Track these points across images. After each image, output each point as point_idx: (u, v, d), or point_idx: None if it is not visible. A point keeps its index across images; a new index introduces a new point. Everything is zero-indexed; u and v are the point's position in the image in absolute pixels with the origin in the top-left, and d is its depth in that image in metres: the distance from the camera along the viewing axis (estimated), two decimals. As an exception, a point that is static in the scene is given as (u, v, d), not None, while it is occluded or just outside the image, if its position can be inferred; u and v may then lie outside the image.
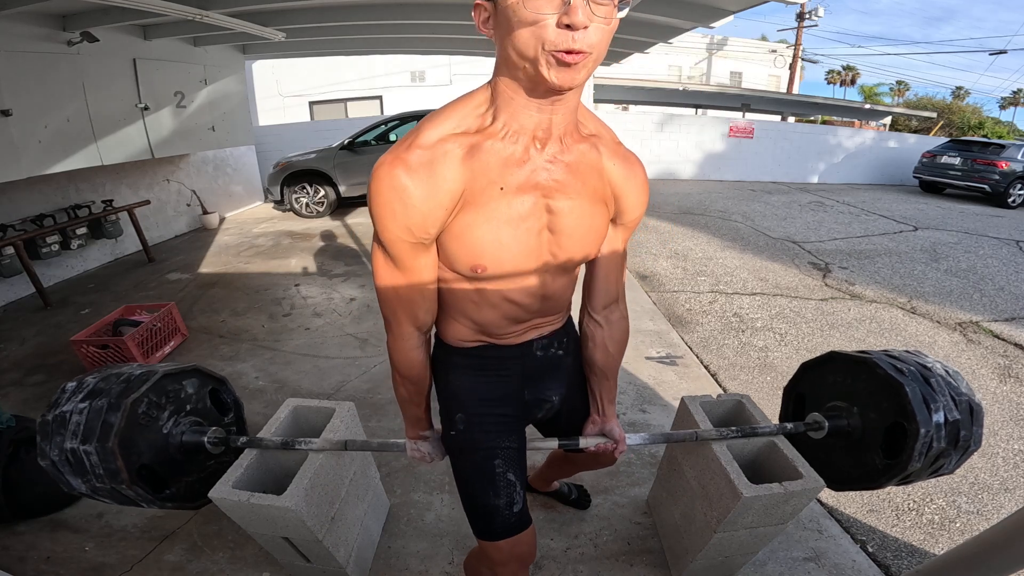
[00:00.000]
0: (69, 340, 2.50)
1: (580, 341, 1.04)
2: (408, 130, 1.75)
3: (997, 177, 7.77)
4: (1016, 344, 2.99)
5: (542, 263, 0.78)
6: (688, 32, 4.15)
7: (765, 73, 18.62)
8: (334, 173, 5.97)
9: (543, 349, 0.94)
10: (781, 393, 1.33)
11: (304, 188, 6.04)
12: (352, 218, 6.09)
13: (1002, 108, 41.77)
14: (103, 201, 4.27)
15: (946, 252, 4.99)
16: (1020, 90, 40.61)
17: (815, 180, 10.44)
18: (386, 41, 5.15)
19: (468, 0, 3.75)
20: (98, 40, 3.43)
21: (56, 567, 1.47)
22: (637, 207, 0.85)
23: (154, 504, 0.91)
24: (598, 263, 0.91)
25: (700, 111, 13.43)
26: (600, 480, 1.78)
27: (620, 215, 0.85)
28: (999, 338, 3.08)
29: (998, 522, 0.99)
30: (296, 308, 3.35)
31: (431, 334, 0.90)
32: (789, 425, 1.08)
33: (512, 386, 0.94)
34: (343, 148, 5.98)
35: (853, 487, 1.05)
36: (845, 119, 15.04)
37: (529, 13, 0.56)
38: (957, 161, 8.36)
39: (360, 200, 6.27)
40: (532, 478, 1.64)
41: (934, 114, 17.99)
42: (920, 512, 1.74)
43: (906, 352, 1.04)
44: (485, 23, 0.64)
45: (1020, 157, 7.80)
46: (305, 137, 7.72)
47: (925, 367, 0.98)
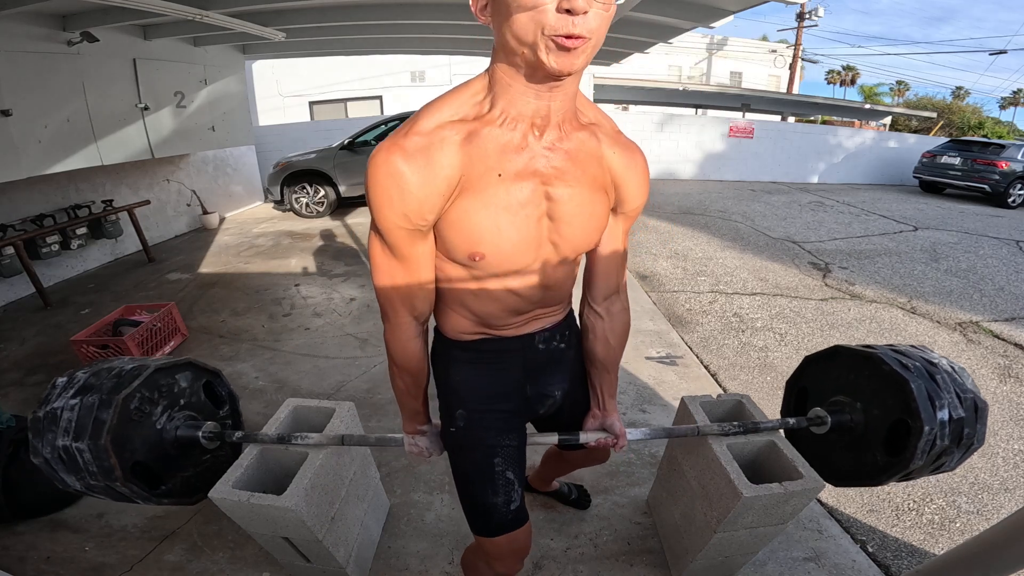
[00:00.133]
0: (69, 340, 2.50)
1: (580, 334, 1.03)
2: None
3: (997, 177, 7.77)
4: (1016, 344, 2.99)
5: (542, 252, 0.78)
6: (688, 32, 4.14)
7: (765, 73, 18.62)
8: (334, 173, 5.97)
9: (545, 342, 0.93)
10: (781, 393, 1.33)
11: (304, 188, 6.04)
12: (352, 218, 6.09)
13: (1002, 108, 41.81)
14: (103, 201, 4.27)
15: (946, 252, 4.99)
16: (1020, 90, 40.63)
17: (815, 180, 10.44)
18: (386, 41, 5.14)
19: (467, 0, 3.75)
20: (98, 40, 3.43)
21: (56, 567, 1.47)
22: (638, 196, 0.84)
23: (150, 501, 0.89)
24: (598, 253, 0.90)
25: (700, 111, 13.43)
26: (600, 480, 1.78)
27: (621, 204, 0.84)
28: (999, 338, 3.08)
29: (998, 522, 0.99)
30: (296, 308, 3.36)
31: (428, 325, 0.89)
32: (791, 420, 1.06)
33: (513, 380, 0.93)
34: (343, 148, 5.98)
35: (853, 483, 1.03)
36: (845, 119, 15.03)
37: None
38: (957, 161, 8.36)
39: (360, 200, 6.26)
40: (531, 478, 1.64)
41: (934, 114, 17.99)
42: (920, 512, 1.74)
43: (911, 347, 1.01)
44: (483, 10, 0.64)
45: (1020, 157, 7.80)
46: (305, 137, 7.72)
47: (931, 363, 0.95)
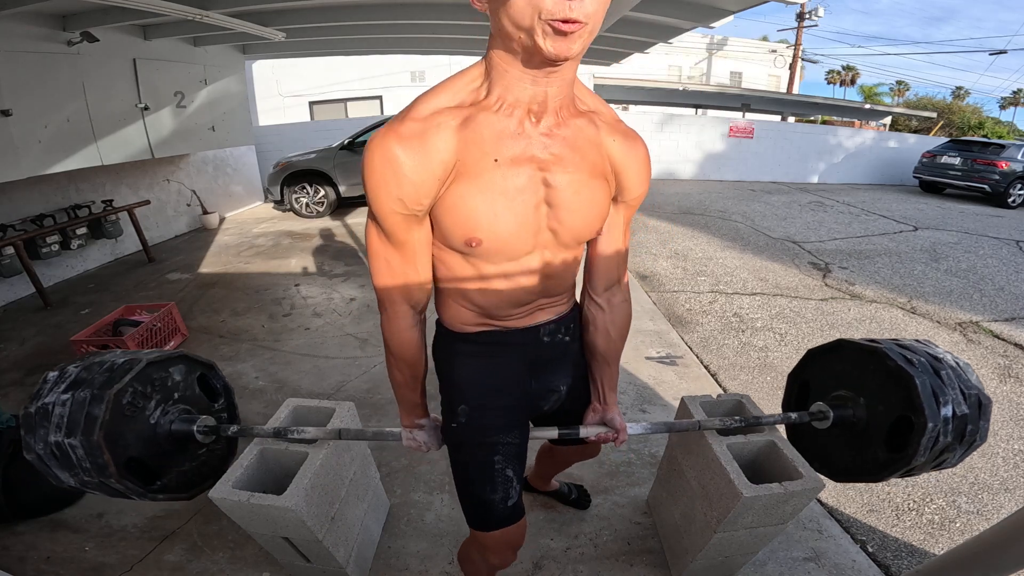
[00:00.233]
0: (69, 340, 2.50)
1: (581, 326, 1.01)
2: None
3: (997, 177, 7.77)
4: (1016, 344, 2.99)
5: (541, 239, 0.77)
6: (688, 32, 4.14)
7: (765, 73, 18.62)
8: (334, 173, 5.97)
9: (550, 335, 0.92)
10: (781, 393, 1.33)
11: (304, 188, 6.03)
12: (352, 218, 6.09)
13: (1002, 108, 41.80)
14: (103, 201, 4.27)
15: (946, 252, 4.99)
16: (1020, 90, 40.63)
17: (815, 180, 10.44)
18: (386, 41, 5.14)
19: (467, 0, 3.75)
20: (98, 40, 3.43)
21: (56, 567, 1.46)
22: (639, 184, 0.83)
23: (145, 497, 0.87)
24: (599, 243, 0.89)
25: (700, 111, 13.43)
26: (600, 480, 1.78)
27: (622, 192, 0.83)
28: (999, 338, 3.08)
29: (998, 522, 0.99)
30: (296, 308, 3.36)
31: (429, 321, 0.88)
32: (794, 415, 1.05)
33: (517, 375, 0.92)
34: (343, 148, 5.98)
35: (854, 479, 1.02)
36: (845, 119, 15.03)
37: None
38: (957, 161, 8.36)
39: (360, 200, 6.26)
40: (530, 477, 1.64)
41: (934, 114, 17.99)
42: (920, 512, 1.74)
43: (916, 342, 0.99)
44: None
45: (1020, 157, 7.80)
46: (305, 137, 7.72)
47: (935, 358, 0.93)
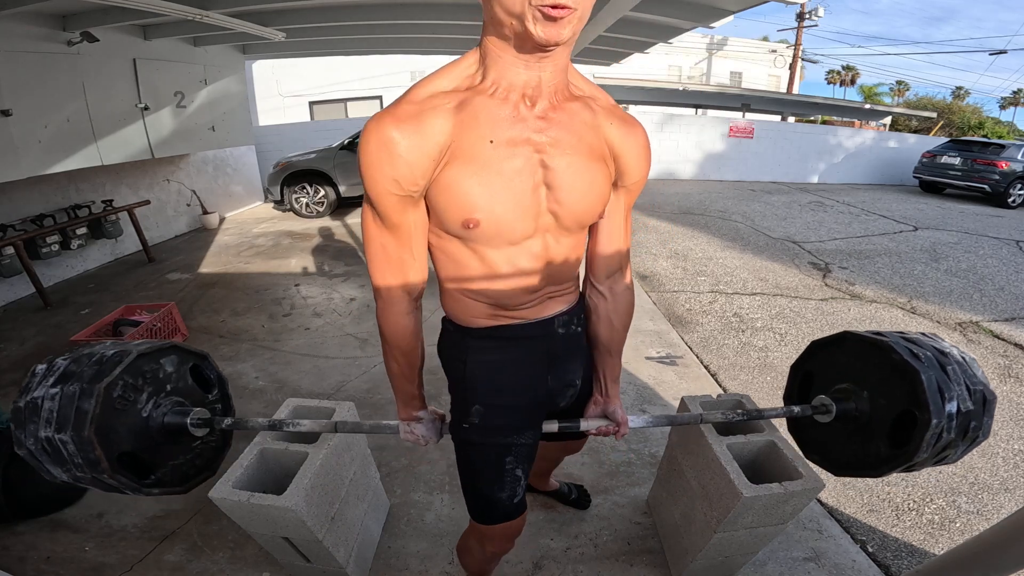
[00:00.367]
0: (69, 340, 2.50)
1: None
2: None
3: (997, 177, 7.77)
4: (1016, 344, 2.99)
5: (543, 222, 0.76)
6: (688, 32, 4.14)
7: (765, 73, 18.60)
8: (334, 173, 5.97)
9: (564, 326, 0.90)
10: (781, 393, 1.33)
11: (304, 188, 6.03)
12: (352, 218, 6.09)
13: (1002, 108, 41.80)
14: (103, 201, 4.27)
15: (946, 252, 4.99)
16: (1020, 90, 40.63)
17: (815, 180, 10.44)
18: (386, 41, 5.14)
19: (467, 0, 3.77)
20: (98, 40, 3.43)
21: (56, 567, 1.47)
22: (639, 168, 0.83)
23: (140, 492, 0.86)
24: (600, 228, 0.88)
25: (700, 111, 13.42)
26: (600, 480, 1.78)
27: (621, 176, 0.82)
28: (999, 338, 3.08)
29: (998, 522, 0.99)
30: (296, 308, 3.36)
31: (421, 303, 0.86)
32: (796, 408, 1.03)
33: (535, 373, 0.90)
34: (343, 148, 5.98)
35: (854, 473, 1.00)
36: (845, 119, 15.02)
37: None
38: (957, 161, 8.37)
39: (360, 200, 6.25)
40: (530, 476, 1.64)
41: (934, 114, 17.97)
42: (920, 512, 1.74)
43: (922, 335, 0.97)
44: None
45: (1020, 157, 7.81)
46: (305, 137, 7.72)
47: (942, 352, 0.91)
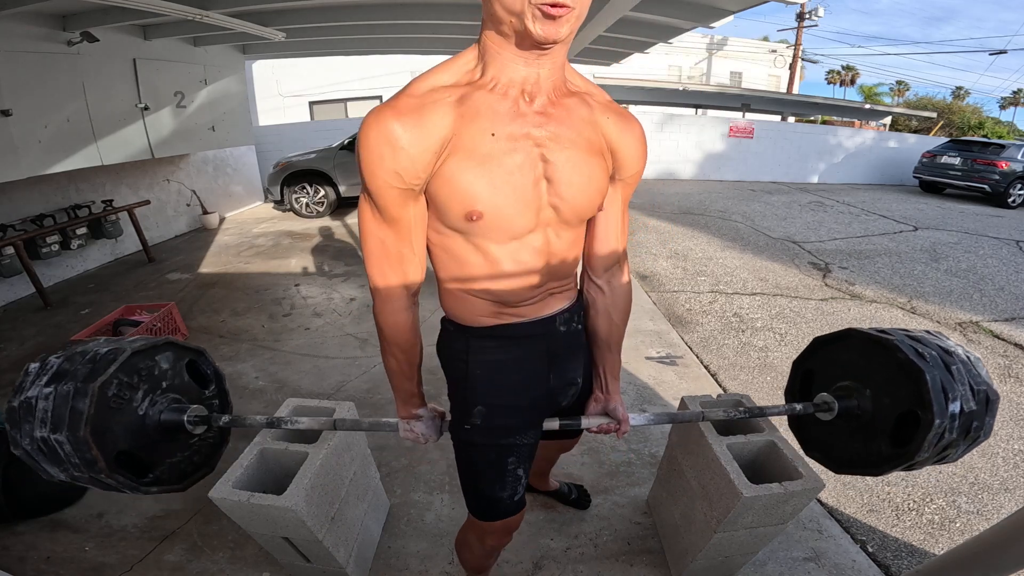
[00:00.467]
0: (69, 340, 2.50)
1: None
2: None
3: (997, 177, 7.77)
4: (1016, 344, 2.99)
5: (544, 216, 0.77)
6: (688, 32, 4.14)
7: (765, 73, 18.60)
8: (334, 173, 5.97)
9: (565, 324, 0.90)
10: (781, 393, 1.33)
11: (304, 188, 6.04)
12: (352, 218, 6.09)
13: (1002, 108, 41.80)
14: (103, 201, 4.27)
15: (946, 252, 4.99)
16: (1020, 90, 40.63)
17: (815, 180, 10.44)
18: (386, 41, 5.14)
19: (467, 0, 3.77)
20: (98, 40, 3.43)
21: (56, 567, 1.47)
22: (635, 161, 0.84)
23: (138, 491, 0.85)
24: (597, 222, 0.88)
25: (700, 111, 13.42)
26: (600, 480, 1.78)
27: (619, 170, 0.83)
28: (999, 338, 3.08)
29: (998, 522, 0.99)
30: (296, 308, 3.35)
31: (419, 299, 0.86)
32: (798, 406, 1.03)
33: (538, 371, 0.90)
34: (343, 148, 5.98)
35: (854, 471, 1.00)
36: (845, 119, 15.02)
37: None
38: (957, 161, 8.37)
39: (360, 200, 6.27)
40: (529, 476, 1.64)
41: (934, 114, 17.96)
42: (920, 512, 1.74)
43: (928, 334, 0.96)
44: None
45: (1020, 157, 7.81)
46: (305, 137, 7.72)
47: (947, 351, 0.90)
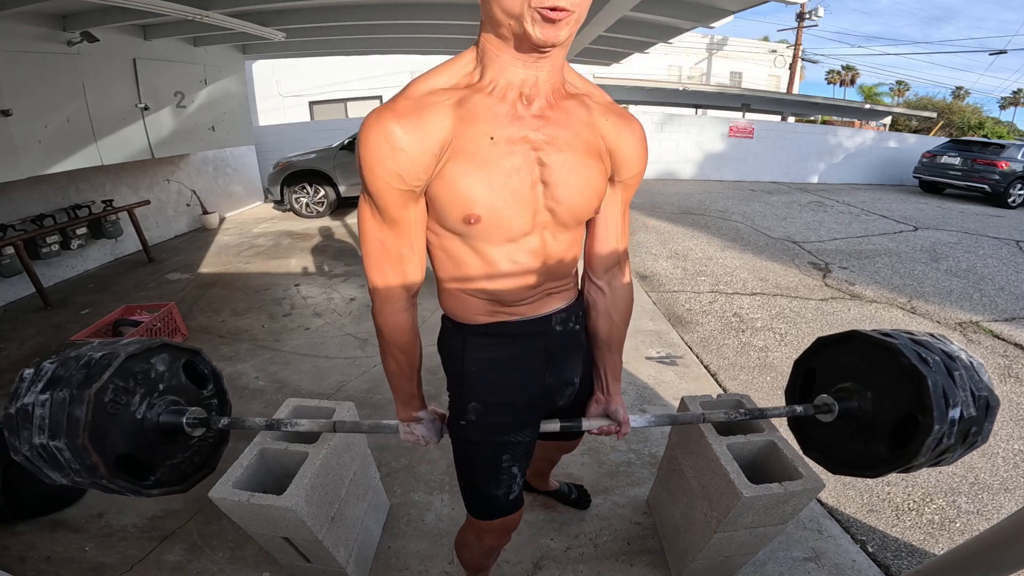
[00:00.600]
0: (69, 340, 2.50)
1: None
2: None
3: (997, 177, 7.77)
4: (1016, 344, 2.99)
5: (540, 219, 0.77)
6: (688, 32, 4.14)
7: (765, 73, 18.60)
8: (334, 173, 5.97)
9: (562, 323, 0.90)
10: (781, 393, 1.33)
11: (304, 188, 6.04)
12: (352, 218, 6.09)
13: (1002, 108, 41.78)
14: (103, 201, 4.27)
15: (946, 252, 4.99)
16: (1020, 90, 40.62)
17: (815, 180, 10.44)
18: (386, 41, 5.14)
19: (467, 0, 3.77)
20: (98, 40, 3.43)
21: (56, 567, 1.47)
22: (635, 163, 0.83)
23: (140, 494, 0.85)
24: (597, 223, 0.89)
25: (700, 111, 13.42)
26: (600, 480, 1.78)
27: (618, 171, 0.83)
28: (999, 338, 3.08)
29: (998, 522, 0.99)
30: (296, 308, 3.35)
31: (418, 300, 0.86)
32: (799, 408, 1.03)
33: (534, 370, 0.90)
34: (343, 148, 5.98)
35: (852, 472, 1.00)
36: (845, 119, 15.02)
37: None
38: (957, 161, 8.37)
39: (360, 200, 6.27)
40: (529, 475, 1.63)
41: (934, 114, 17.96)
42: (920, 512, 1.74)
43: (931, 337, 0.96)
44: None
45: (1020, 157, 7.80)
46: (305, 137, 7.72)
47: (950, 356, 0.90)
